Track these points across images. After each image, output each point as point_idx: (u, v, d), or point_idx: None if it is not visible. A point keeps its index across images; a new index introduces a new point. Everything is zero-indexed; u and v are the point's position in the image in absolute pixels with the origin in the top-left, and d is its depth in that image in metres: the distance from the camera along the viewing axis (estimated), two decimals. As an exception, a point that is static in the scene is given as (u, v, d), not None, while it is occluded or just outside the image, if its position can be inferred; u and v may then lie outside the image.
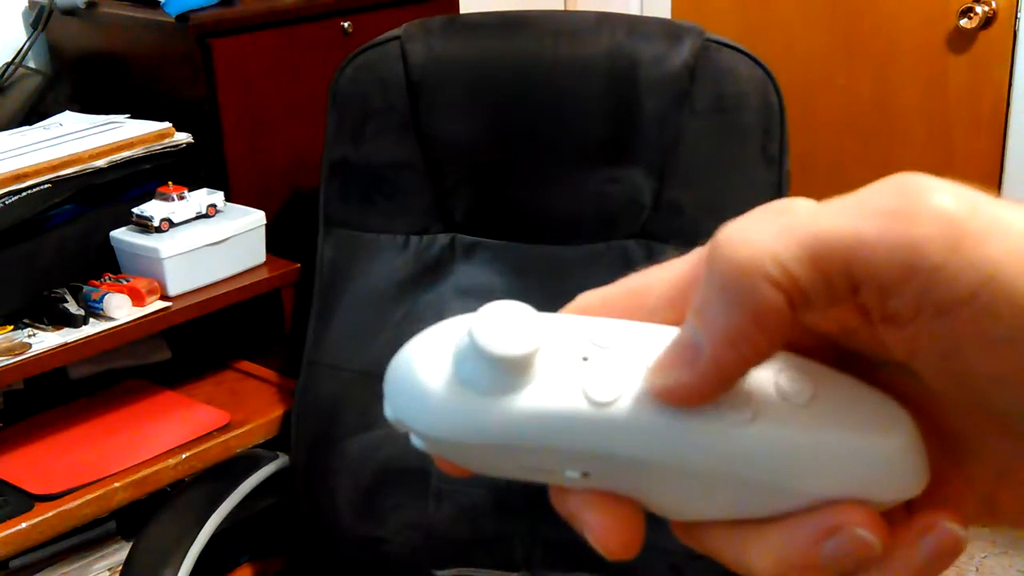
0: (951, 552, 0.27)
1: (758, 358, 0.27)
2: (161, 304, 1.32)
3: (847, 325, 0.27)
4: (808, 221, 0.26)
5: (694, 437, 0.28)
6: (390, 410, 0.30)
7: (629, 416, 0.28)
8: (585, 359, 0.28)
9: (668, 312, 0.29)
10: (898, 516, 0.28)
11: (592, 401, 0.28)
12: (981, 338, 0.25)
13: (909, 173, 0.26)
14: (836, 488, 0.27)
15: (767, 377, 0.28)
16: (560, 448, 0.28)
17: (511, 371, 0.28)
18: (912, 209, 0.25)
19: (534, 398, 0.28)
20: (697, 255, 0.29)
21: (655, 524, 0.31)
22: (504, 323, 0.28)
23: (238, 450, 1.36)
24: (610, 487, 0.29)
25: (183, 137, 1.42)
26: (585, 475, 0.29)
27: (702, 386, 0.27)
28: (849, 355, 0.29)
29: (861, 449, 0.28)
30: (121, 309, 1.27)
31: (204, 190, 1.40)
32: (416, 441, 0.29)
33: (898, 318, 0.26)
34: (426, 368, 0.29)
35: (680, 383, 0.27)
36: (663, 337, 0.28)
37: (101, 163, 1.34)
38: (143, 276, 1.32)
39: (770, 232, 0.26)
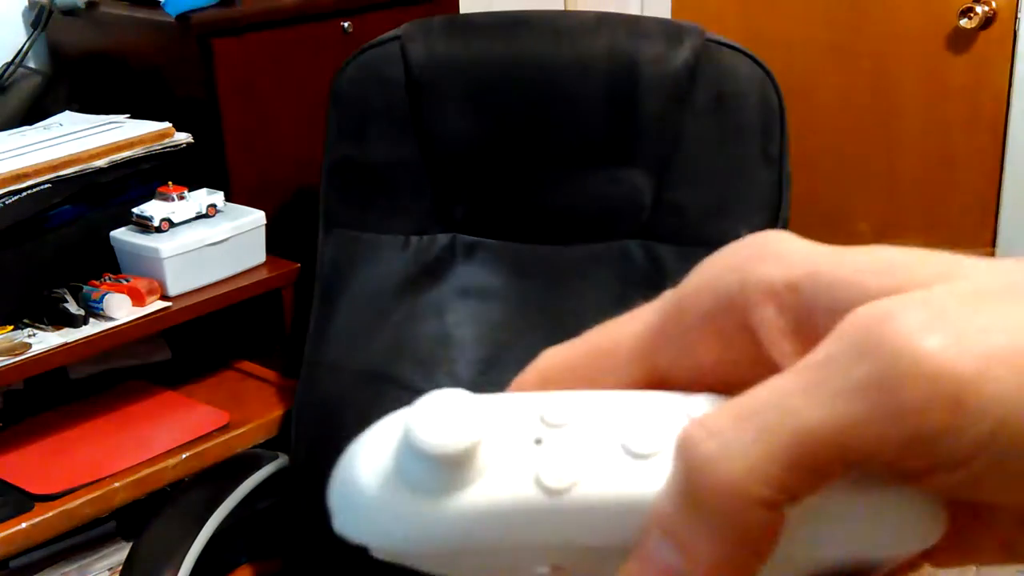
0: None
1: (750, 573, 0.24)
2: (161, 304, 1.32)
3: None
4: (786, 417, 0.23)
5: None
6: (338, 524, 0.27)
7: (591, 501, 0.25)
8: (538, 441, 0.26)
9: (637, 369, 0.27)
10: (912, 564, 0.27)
11: (547, 489, 0.25)
12: (999, 478, 0.23)
13: (866, 309, 0.23)
14: (839, 551, 0.26)
15: None
16: (519, 545, 0.25)
17: (454, 467, 0.25)
18: (895, 373, 0.22)
19: (483, 493, 0.25)
20: (664, 303, 0.27)
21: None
22: (441, 415, 0.25)
23: (238, 450, 1.36)
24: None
25: (183, 137, 1.42)
26: (556, 569, 0.26)
27: None
28: None
29: (866, 508, 0.25)
30: (121, 309, 1.27)
31: (204, 190, 1.40)
32: (377, 555, 0.27)
33: (908, 476, 0.24)
34: (367, 474, 0.26)
35: None
36: (622, 406, 0.26)
37: (101, 163, 1.34)
38: (143, 276, 1.32)
39: (747, 441, 0.23)
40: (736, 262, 0.26)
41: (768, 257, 0.26)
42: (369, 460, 0.26)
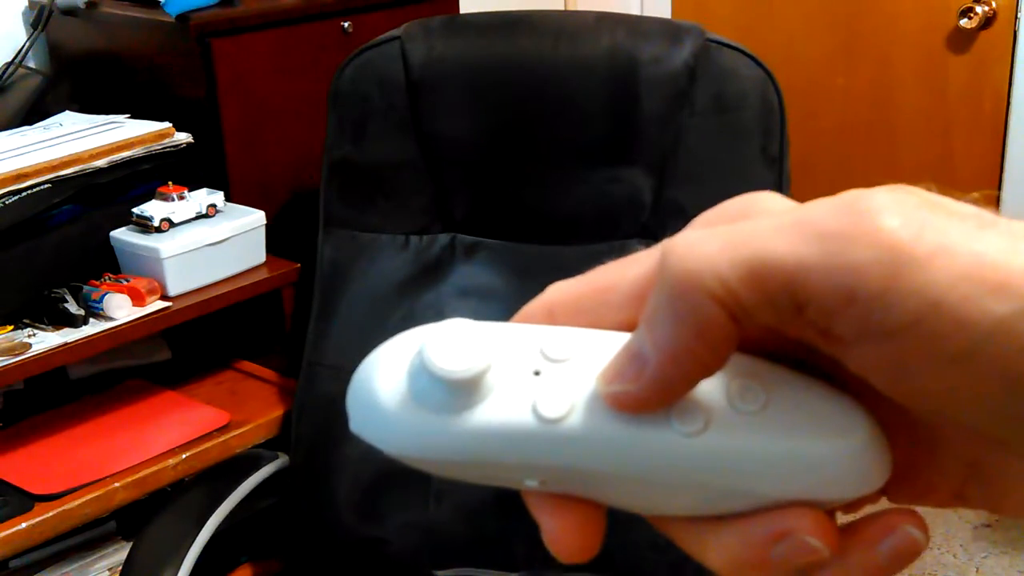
0: (909, 555, 0.28)
1: (705, 371, 0.27)
2: (161, 304, 1.32)
3: (803, 335, 0.27)
4: (753, 238, 0.26)
5: (645, 450, 0.28)
6: (353, 425, 0.30)
7: (579, 431, 0.28)
8: (537, 373, 0.29)
9: (632, 309, 0.29)
10: (870, 498, 0.29)
11: (542, 418, 0.28)
12: (928, 359, 0.25)
13: (862, 190, 0.26)
14: (790, 492, 0.28)
15: (719, 384, 0.28)
16: (514, 463, 0.29)
17: (461, 390, 0.28)
18: (855, 232, 0.25)
19: (485, 416, 0.28)
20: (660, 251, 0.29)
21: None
22: (454, 343, 0.28)
23: (238, 450, 1.36)
24: (569, 491, 0.29)
25: (183, 137, 1.42)
26: (543, 483, 0.29)
27: (648, 397, 0.27)
28: (812, 352, 0.29)
29: (812, 455, 0.28)
30: (121, 309, 1.27)
31: (204, 190, 1.40)
32: (387, 454, 0.30)
33: (844, 339, 0.26)
34: (383, 385, 0.29)
35: (627, 393, 0.28)
36: (616, 347, 0.29)
37: (101, 163, 1.34)
38: (143, 276, 1.32)
39: (715, 246, 0.26)
40: (728, 218, 0.29)
41: (754, 213, 0.28)
42: (386, 374, 0.29)
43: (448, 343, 0.28)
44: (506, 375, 0.29)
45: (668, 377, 0.27)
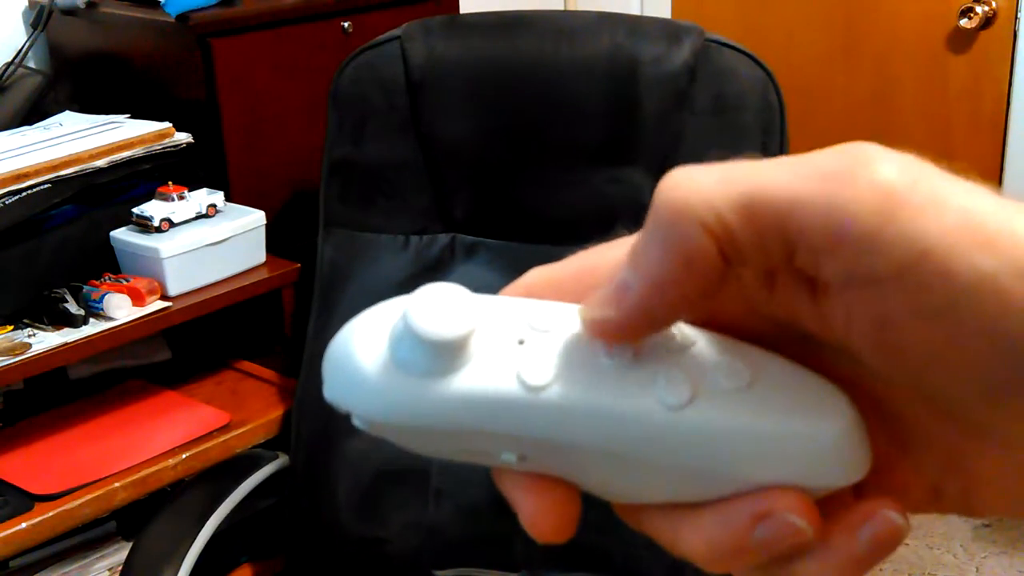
0: (891, 540, 0.27)
1: (687, 304, 0.27)
2: (161, 304, 1.32)
3: (788, 298, 0.27)
4: (749, 174, 0.27)
5: (628, 422, 0.27)
6: (328, 391, 0.29)
7: (562, 401, 0.28)
8: (521, 342, 0.28)
9: None
10: (844, 501, 0.28)
11: (526, 385, 0.28)
12: (912, 310, 0.25)
13: (863, 142, 0.26)
14: (771, 474, 0.27)
15: (706, 360, 0.28)
16: (494, 431, 0.28)
17: (445, 354, 0.28)
18: (851, 174, 0.25)
19: (468, 381, 0.28)
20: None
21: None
22: (439, 306, 0.28)
23: (238, 450, 1.36)
24: (546, 470, 0.29)
25: (183, 137, 1.42)
26: (522, 458, 0.28)
27: (629, 324, 0.27)
28: (795, 339, 0.28)
29: (797, 436, 0.27)
30: (121, 309, 1.28)
31: (204, 190, 1.40)
32: (357, 422, 0.29)
33: (831, 285, 0.26)
34: (362, 350, 0.29)
35: (608, 320, 0.27)
36: None
37: (101, 163, 1.34)
38: (143, 276, 1.32)
39: (710, 179, 0.27)
40: None
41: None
42: (364, 338, 0.29)
43: (433, 306, 0.28)
44: (490, 342, 0.28)
45: (650, 305, 0.27)
